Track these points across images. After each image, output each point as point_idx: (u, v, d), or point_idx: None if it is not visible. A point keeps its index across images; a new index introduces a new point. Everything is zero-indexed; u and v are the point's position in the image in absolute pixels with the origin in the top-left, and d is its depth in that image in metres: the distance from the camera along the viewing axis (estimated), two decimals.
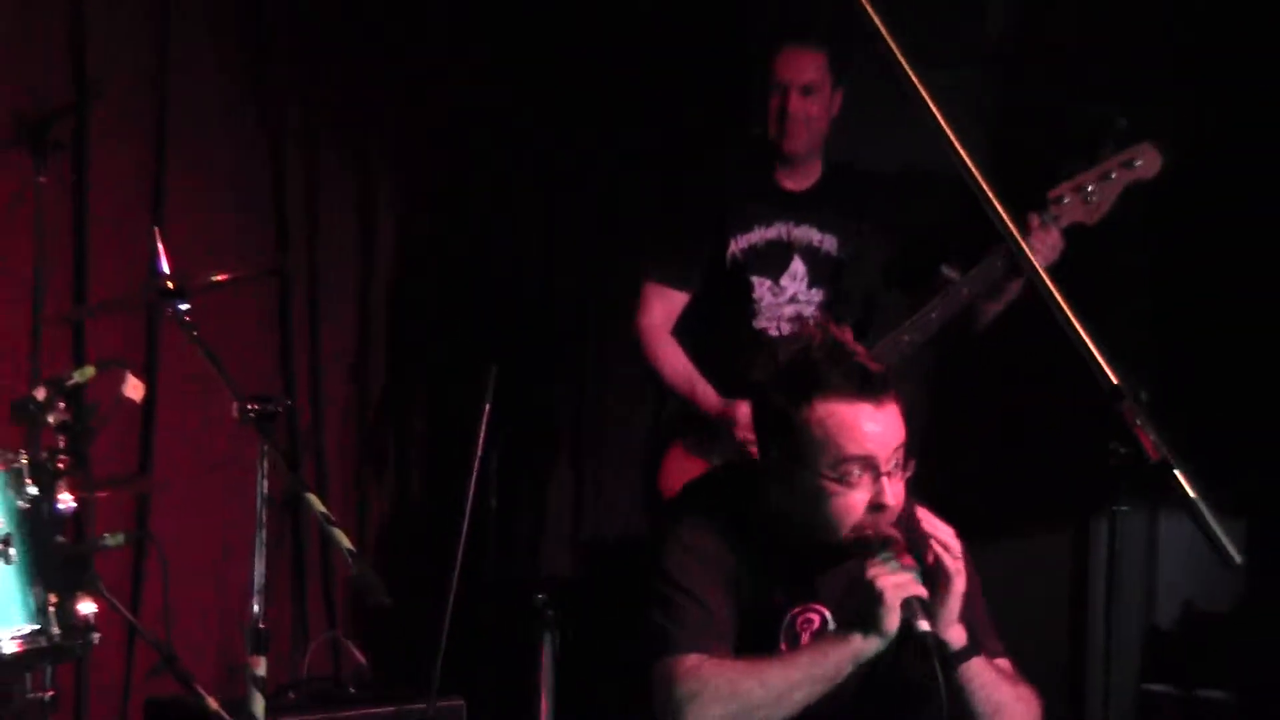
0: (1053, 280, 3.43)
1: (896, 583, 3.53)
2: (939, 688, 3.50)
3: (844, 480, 3.62)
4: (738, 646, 3.78)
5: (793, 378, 3.70)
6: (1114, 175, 5.23)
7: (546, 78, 7.32)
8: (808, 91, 5.64)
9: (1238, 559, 3.36)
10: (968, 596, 3.78)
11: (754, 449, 5.38)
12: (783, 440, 3.70)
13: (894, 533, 3.64)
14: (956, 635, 3.70)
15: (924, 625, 3.53)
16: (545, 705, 6.19)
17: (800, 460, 3.65)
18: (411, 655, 6.24)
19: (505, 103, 7.28)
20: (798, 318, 5.71)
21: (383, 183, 7.18)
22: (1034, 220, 5.21)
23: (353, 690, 6.26)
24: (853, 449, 3.60)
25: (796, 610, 3.89)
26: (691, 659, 3.62)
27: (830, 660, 3.60)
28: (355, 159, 7.11)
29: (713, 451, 5.67)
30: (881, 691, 3.85)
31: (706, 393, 5.72)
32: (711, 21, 7.28)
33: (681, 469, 5.67)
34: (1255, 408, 5.86)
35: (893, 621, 3.53)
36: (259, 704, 4.93)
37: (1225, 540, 3.27)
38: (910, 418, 3.73)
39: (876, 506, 3.63)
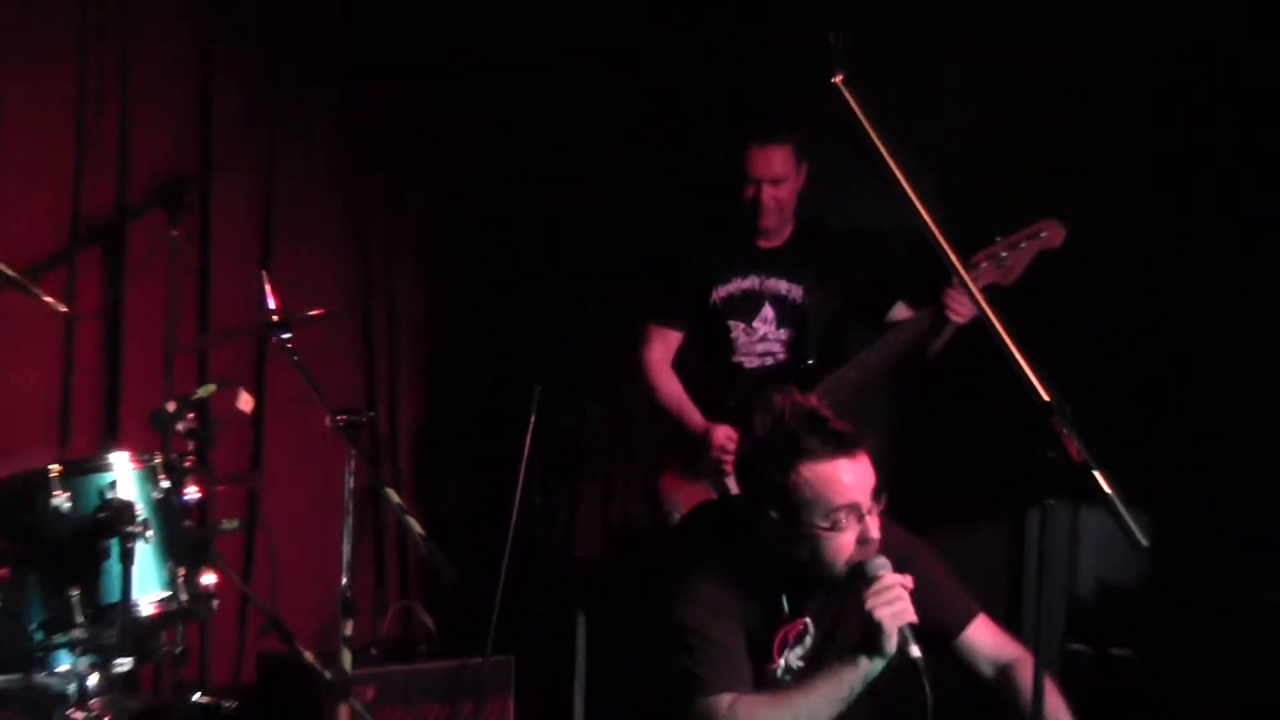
0: (996, 317, 3.42)
1: (893, 613, 3.53)
2: (927, 700, 3.47)
3: (835, 527, 3.62)
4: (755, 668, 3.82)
5: (776, 448, 3.71)
6: (1023, 245, 5.20)
7: (577, 157, 7.30)
8: (776, 182, 5.58)
9: (1144, 542, 3.33)
10: (941, 577, 3.90)
11: (728, 465, 5.41)
12: (776, 503, 3.69)
13: (882, 558, 3.63)
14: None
15: (915, 651, 3.53)
16: (580, 657, 6.21)
17: (795, 517, 3.65)
18: (470, 620, 6.19)
19: (544, 181, 7.25)
20: (768, 355, 5.70)
21: (446, 239, 7.17)
22: (955, 281, 5.19)
23: (422, 648, 6.26)
24: (839, 500, 3.62)
25: (783, 623, 3.89)
26: (726, 698, 3.64)
27: (845, 683, 3.62)
28: (422, 223, 7.11)
29: (699, 469, 5.62)
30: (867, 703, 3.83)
31: (692, 415, 5.67)
32: (703, 112, 7.29)
33: (675, 483, 5.69)
34: (1159, 419, 5.85)
35: (892, 645, 3.53)
36: (347, 658, 5.00)
37: (1134, 527, 3.24)
38: (875, 456, 3.74)
39: (864, 542, 3.64)
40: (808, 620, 3.91)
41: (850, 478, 3.63)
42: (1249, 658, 5.22)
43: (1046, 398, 3.23)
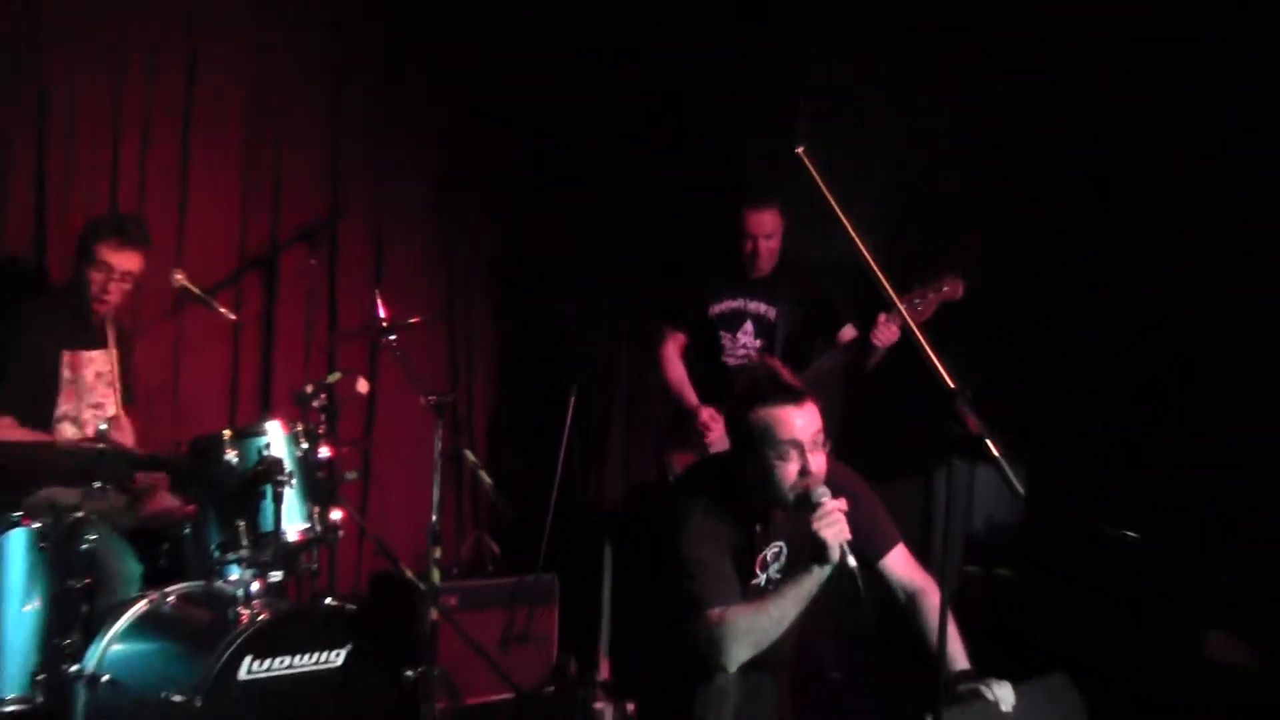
0: (921, 331, 3.52)
1: (834, 531, 3.51)
2: (861, 599, 3.50)
3: (782, 458, 3.63)
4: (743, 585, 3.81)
5: (744, 396, 3.72)
6: (930, 295, 5.13)
7: (607, 209, 7.28)
8: (769, 237, 5.61)
9: (1022, 491, 3.44)
10: (874, 508, 3.87)
11: (709, 437, 5.42)
12: (743, 438, 3.71)
13: (823, 486, 3.61)
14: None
15: (852, 561, 3.53)
16: (606, 579, 6.27)
17: (754, 449, 3.67)
18: (525, 547, 6.21)
19: (580, 224, 7.23)
20: (746, 356, 5.72)
21: (510, 266, 7.15)
22: (881, 317, 5.19)
23: (489, 568, 6.30)
24: (784, 436, 3.62)
25: (763, 547, 3.88)
26: (716, 611, 3.61)
27: (804, 589, 3.60)
28: (491, 256, 7.08)
29: (688, 440, 5.67)
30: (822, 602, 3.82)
31: (690, 396, 5.72)
32: (702, 170, 7.30)
33: (673, 451, 5.74)
34: (1034, 401, 5.87)
35: (834, 556, 3.50)
36: (435, 574, 5.01)
37: (1015, 480, 3.35)
38: (828, 417, 3.73)
39: (804, 473, 3.63)
40: (781, 544, 3.90)
41: (796, 421, 3.62)
42: (1099, 577, 5.26)
43: (952, 385, 3.34)
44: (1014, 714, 3.64)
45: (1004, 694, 3.61)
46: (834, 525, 3.52)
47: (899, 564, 3.91)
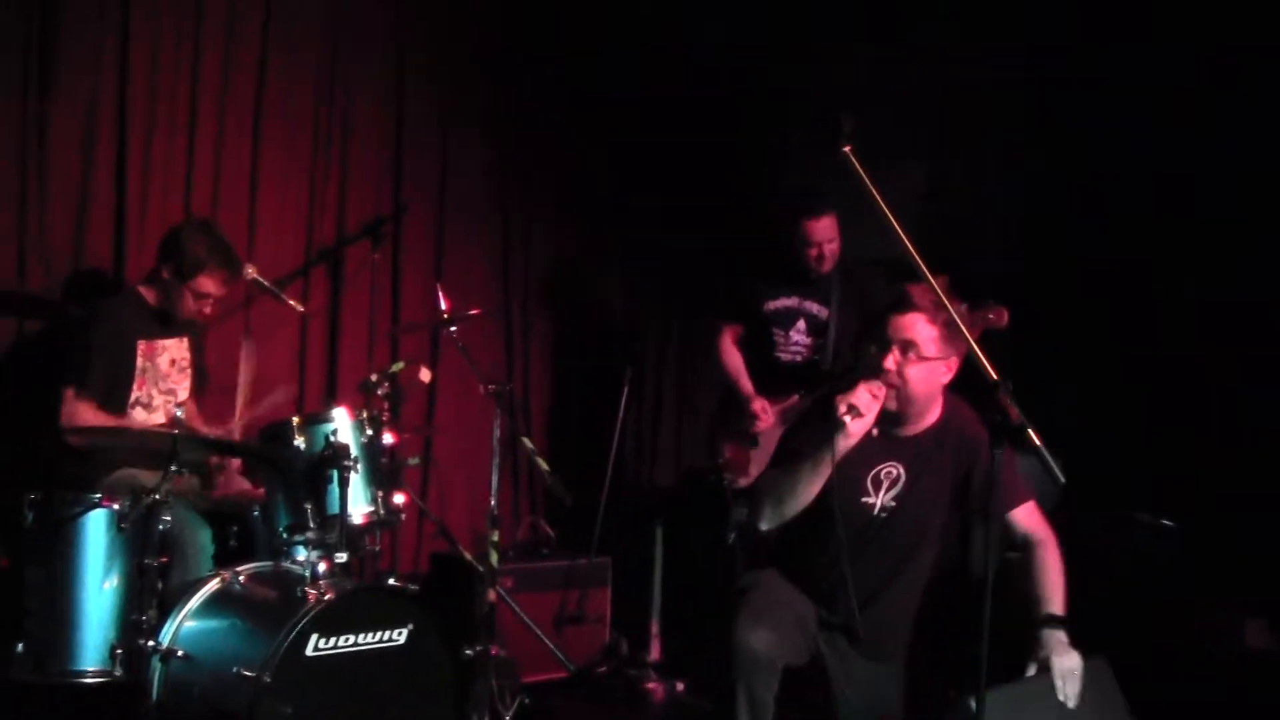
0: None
1: (849, 396, 3.69)
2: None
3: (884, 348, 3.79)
4: (850, 494, 3.85)
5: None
6: (977, 322, 5.07)
7: (668, 209, 7.39)
8: (831, 241, 5.62)
9: (1061, 479, 3.45)
10: (1009, 462, 3.79)
11: (759, 427, 5.41)
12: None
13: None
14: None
15: (844, 416, 3.69)
16: (658, 561, 6.31)
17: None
18: (579, 531, 6.27)
19: (629, 223, 7.36)
20: (797, 354, 5.74)
21: (563, 262, 7.19)
22: None
23: (545, 551, 6.29)
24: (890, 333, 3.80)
25: (879, 466, 3.90)
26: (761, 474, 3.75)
27: (824, 452, 3.71)
28: (546, 254, 7.11)
29: (736, 429, 5.71)
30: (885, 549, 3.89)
31: (746, 385, 5.75)
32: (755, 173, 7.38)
33: (721, 438, 5.81)
34: (1074, 394, 5.86)
35: (839, 412, 3.69)
36: (493, 556, 5.01)
37: (1055, 467, 3.36)
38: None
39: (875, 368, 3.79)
40: (900, 466, 3.89)
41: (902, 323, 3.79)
42: (1137, 565, 5.25)
43: (995, 376, 3.36)
44: (1055, 700, 3.66)
45: (1072, 689, 3.62)
46: (853, 394, 3.70)
47: (1024, 517, 3.89)
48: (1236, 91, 5.65)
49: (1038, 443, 3.29)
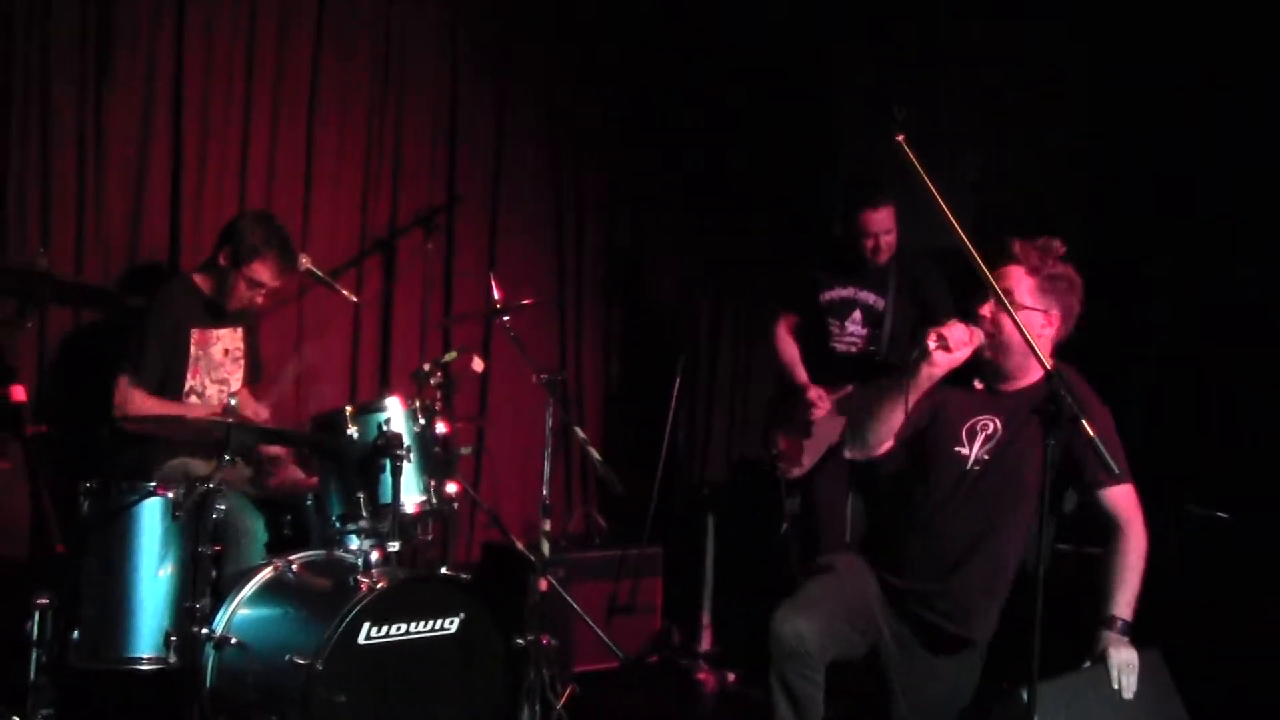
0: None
1: (935, 330, 3.71)
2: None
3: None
4: (943, 442, 3.87)
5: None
6: None
7: (722, 197, 7.37)
8: (889, 232, 5.57)
9: (1115, 470, 3.42)
10: (1110, 438, 3.68)
11: (814, 414, 5.39)
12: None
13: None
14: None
15: (932, 344, 3.71)
16: (709, 551, 6.29)
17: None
18: (631, 521, 6.26)
19: (683, 214, 7.34)
20: (853, 344, 5.70)
21: (615, 253, 7.17)
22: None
23: (597, 541, 6.32)
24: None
25: (976, 418, 3.88)
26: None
27: (903, 379, 3.73)
28: (598, 244, 7.10)
29: (792, 417, 5.67)
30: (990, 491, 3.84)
31: (800, 374, 5.71)
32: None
33: (775, 428, 5.77)
34: (1132, 387, 5.79)
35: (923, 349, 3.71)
36: (545, 545, 4.99)
37: (1108, 457, 3.32)
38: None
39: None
40: (998, 421, 3.85)
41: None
42: (1181, 553, 5.18)
43: (1049, 366, 3.32)
44: (1108, 691, 3.61)
45: (1129, 681, 3.60)
46: (947, 326, 3.72)
47: (1118, 498, 3.80)
48: None
49: (1091, 434, 3.25)
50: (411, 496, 4.47)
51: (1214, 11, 5.80)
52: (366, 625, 3.90)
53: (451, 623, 4.08)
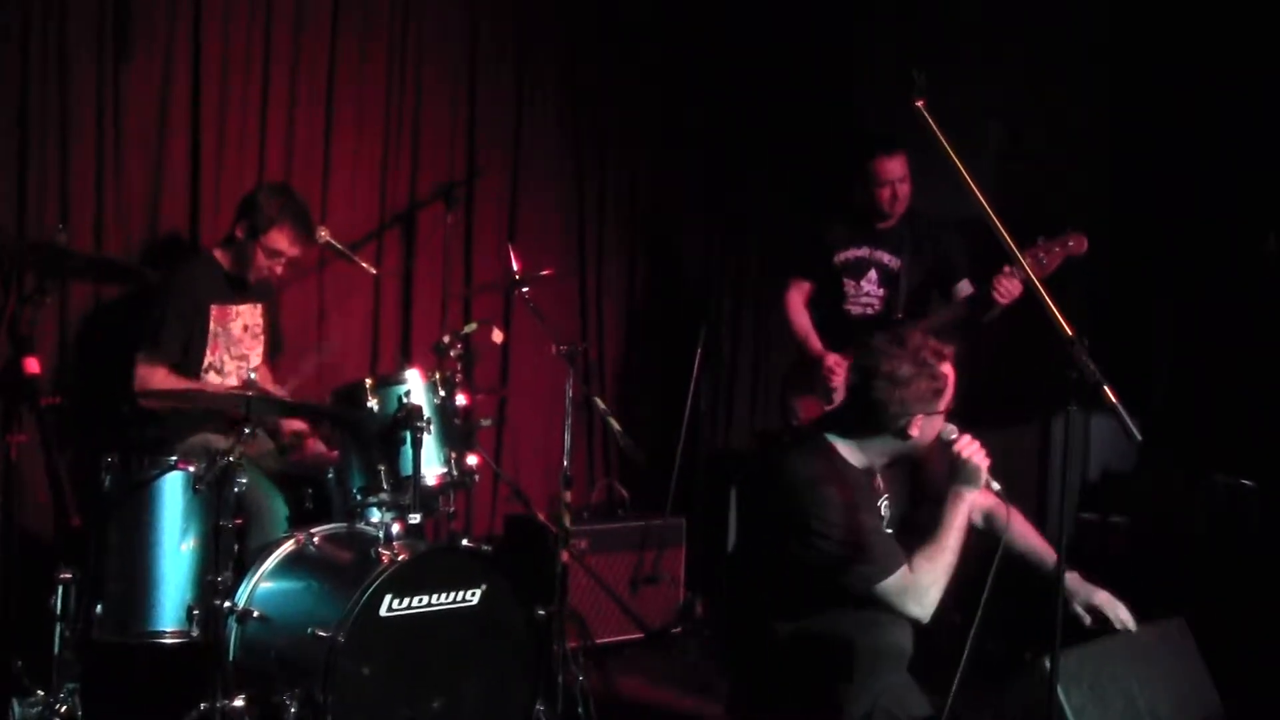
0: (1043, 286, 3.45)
1: (980, 457, 3.62)
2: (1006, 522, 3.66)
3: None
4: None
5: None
6: (1056, 250, 4.99)
7: (735, 165, 7.32)
8: (903, 181, 5.56)
9: (1139, 437, 3.37)
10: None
11: (833, 382, 5.39)
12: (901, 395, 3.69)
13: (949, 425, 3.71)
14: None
15: (995, 485, 3.66)
16: (733, 521, 6.25)
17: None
18: (653, 492, 6.26)
19: (702, 183, 7.28)
20: (869, 305, 5.67)
21: (637, 224, 7.13)
22: (1005, 269, 5.09)
23: (620, 512, 6.30)
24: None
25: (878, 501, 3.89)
26: (896, 575, 3.57)
27: (962, 518, 3.63)
28: (619, 214, 7.05)
29: (812, 386, 5.63)
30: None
31: (815, 344, 5.69)
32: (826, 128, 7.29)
33: (796, 396, 5.73)
34: (1148, 353, 5.75)
35: (983, 478, 3.62)
36: (566, 517, 4.98)
37: (1132, 425, 3.28)
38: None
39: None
40: (887, 496, 3.90)
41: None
42: (1215, 525, 5.15)
43: (1070, 332, 3.27)
44: (1132, 659, 3.59)
45: (1124, 615, 3.71)
46: (979, 452, 3.63)
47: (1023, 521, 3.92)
48: None
49: (1114, 400, 3.21)
50: (432, 469, 4.46)
51: None
52: (388, 597, 3.89)
53: (473, 594, 4.06)
